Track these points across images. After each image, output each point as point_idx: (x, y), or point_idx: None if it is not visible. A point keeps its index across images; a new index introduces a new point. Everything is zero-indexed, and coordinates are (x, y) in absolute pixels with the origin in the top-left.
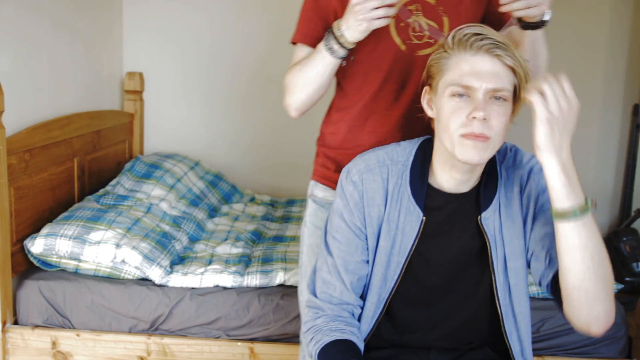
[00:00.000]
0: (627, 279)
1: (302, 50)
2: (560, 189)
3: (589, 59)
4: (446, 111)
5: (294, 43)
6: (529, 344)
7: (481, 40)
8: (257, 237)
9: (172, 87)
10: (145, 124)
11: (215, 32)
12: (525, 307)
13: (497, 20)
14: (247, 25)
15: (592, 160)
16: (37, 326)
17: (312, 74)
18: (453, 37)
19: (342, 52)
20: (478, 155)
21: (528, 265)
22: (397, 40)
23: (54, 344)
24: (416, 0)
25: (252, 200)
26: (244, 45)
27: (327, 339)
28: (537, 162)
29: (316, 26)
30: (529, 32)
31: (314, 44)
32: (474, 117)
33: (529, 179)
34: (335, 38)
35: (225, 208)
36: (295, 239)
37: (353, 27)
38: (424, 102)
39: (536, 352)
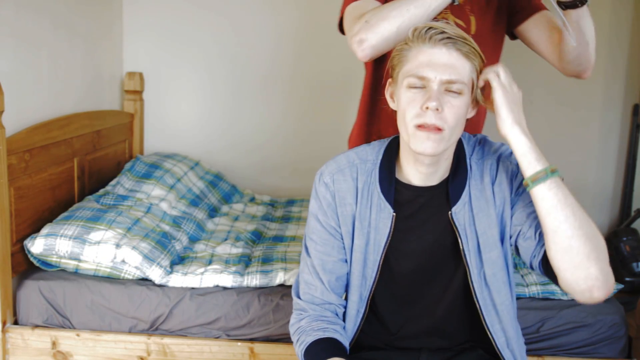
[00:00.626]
0: (627, 279)
1: (364, 2)
2: (531, 154)
3: None
4: (403, 102)
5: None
6: (514, 334)
7: (440, 33)
8: (257, 237)
9: (172, 87)
10: (145, 124)
11: (215, 32)
12: (506, 296)
13: (527, 5)
14: (247, 25)
15: (592, 160)
16: (37, 326)
17: (415, 4)
18: (414, 31)
19: None
20: (432, 147)
21: (516, 249)
22: None
23: (54, 344)
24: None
25: (252, 200)
26: (245, 45)
27: (310, 339)
28: (506, 149)
29: None
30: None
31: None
32: (427, 107)
33: (498, 167)
34: None
35: (225, 208)
36: (295, 239)
37: None
38: (387, 95)
39: (536, 352)
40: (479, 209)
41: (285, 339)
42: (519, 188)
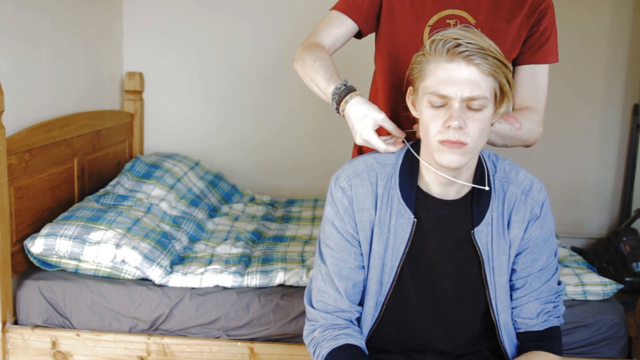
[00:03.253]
0: (627, 279)
1: (338, 16)
2: None
3: (589, 59)
4: (425, 117)
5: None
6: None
7: (457, 47)
8: (257, 237)
9: (172, 87)
10: (145, 124)
11: (215, 32)
12: (509, 317)
13: (531, 52)
14: (247, 25)
15: (592, 160)
16: (37, 326)
17: (309, 84)
18: (431, 43)
19: (335, 107)
20: (457, 160)
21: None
22: None
23: (54, 344)
24: (456, 16)
25: (252, 200)
26: (245, 45)
27: (325, 351)
28: (533, 182)
29: (363, 3)
30: (528, 67)
31: (355, 18)
32: (449, 126)
33: (522, 200)
34: (342, 98)
35: (225, 208)
36: (295, 239)
37: (353, 115)
38: (408, 102)
39: None
40: (497, 232)
41: (285, 339)
42: (533, 234)
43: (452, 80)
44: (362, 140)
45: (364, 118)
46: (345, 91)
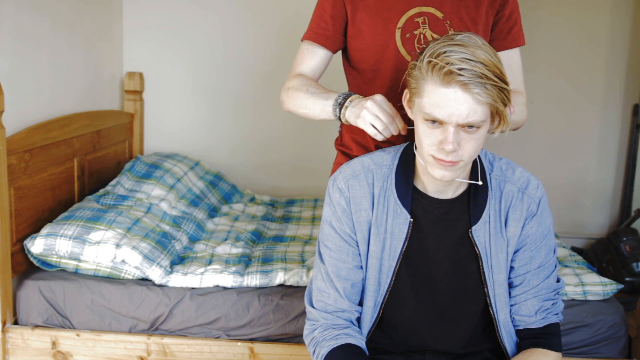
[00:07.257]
0: (627, 279)
1: (309, 47)
2: None
3: (589, 58)
4: (420, 130)
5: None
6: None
7: (450, 74)
8: (257, 237)
9: (172, 87)
10: (145, 124)
11: (215, 32)
12: (508, 315)
13: (501, 38)
14: (247, 25)
15: (592, 160)
16: (37, 326)
17: (306, 111)
18: (428, 64)
19: (337, 116)
20: (449, 176)
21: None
22: (403, 50)
23: (54, 344)
24: (423, 13)
25: (252, 200)
26: (244, 45)
27: (325, 351)
28: (529, 179)
29: (327, 25)
30: (502, 54)
31: (322, 43)
32: (443, 148)
33: (518, 198)
34: (342, 104)
35: (225, 208)
36: (295, 239)
37: (354, 112)
38: (404, 102)
39: None
40: (494, 230)
41: (285, 339)
42: (530, 231)
43: (447, 106)
44: (372, 113)
45: (364, 102)
46: (341, 100)
